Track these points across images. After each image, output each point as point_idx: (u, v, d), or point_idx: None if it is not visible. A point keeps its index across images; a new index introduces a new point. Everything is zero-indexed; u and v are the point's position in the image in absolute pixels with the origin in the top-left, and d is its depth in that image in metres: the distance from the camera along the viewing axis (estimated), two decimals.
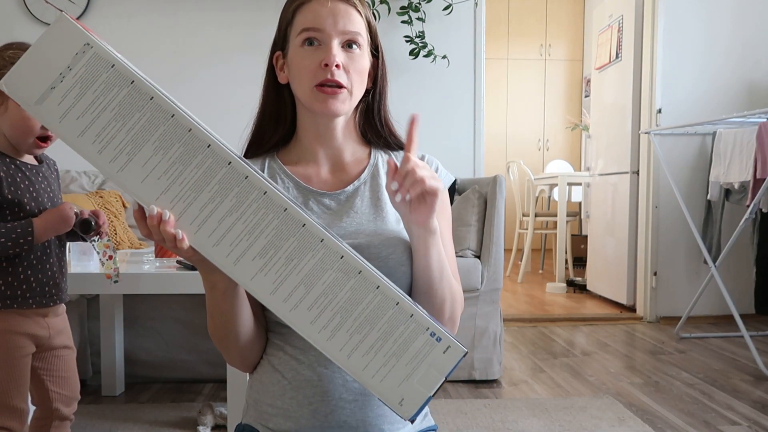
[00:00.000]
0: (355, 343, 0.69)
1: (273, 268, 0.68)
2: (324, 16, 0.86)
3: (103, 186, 2.93)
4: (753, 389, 2.44)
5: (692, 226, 3.26)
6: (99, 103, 0.66)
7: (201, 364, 2.47)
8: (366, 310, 0.69)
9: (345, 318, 0.69)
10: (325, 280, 0.68)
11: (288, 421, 0.85)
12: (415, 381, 0.69)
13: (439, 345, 0.69)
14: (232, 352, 0.86)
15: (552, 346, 3.15)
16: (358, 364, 0.69)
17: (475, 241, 2.60)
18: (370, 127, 0.98)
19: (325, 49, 0.86)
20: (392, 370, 0.69)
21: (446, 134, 3.36)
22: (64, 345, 1.42)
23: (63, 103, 0.66)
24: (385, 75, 0.97)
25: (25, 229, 1.26)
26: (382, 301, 0.69)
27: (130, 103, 0.66)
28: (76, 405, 1.46)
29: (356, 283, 0.68)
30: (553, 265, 5.01)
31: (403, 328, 0.69)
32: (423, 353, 0.69)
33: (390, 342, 0.69)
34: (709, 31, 3.62)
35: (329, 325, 0.69)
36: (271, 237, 0.68)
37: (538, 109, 6.93)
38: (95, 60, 0.66)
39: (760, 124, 2.94)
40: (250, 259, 0.68)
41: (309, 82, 0.86)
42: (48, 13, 3.17)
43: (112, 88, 0.66)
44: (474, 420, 2.10)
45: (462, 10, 3.36)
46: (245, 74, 3.24)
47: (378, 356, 0.69)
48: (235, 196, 0.68)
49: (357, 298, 0.69)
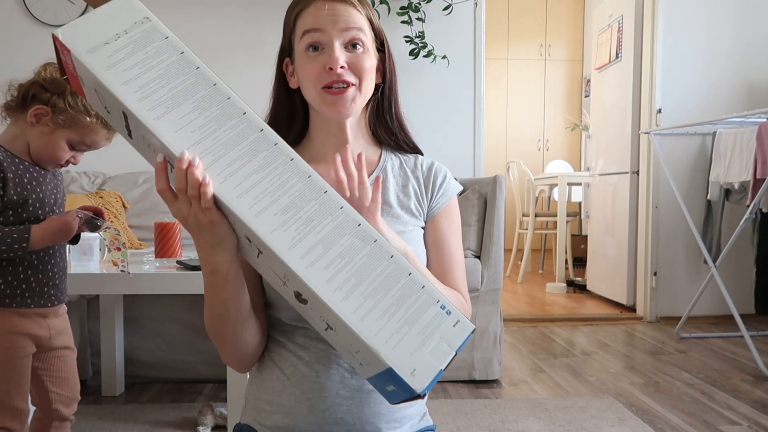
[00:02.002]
0: (369, 307, 0.69)
1: (293, 225, 0.69)
2: (323, 17, 0.87)
3: (103, 186, 2.94)
4: (753, 389, 2.44)
5: (692, 226, 3.26)
6: (147, 63, 0.70)
7: (201, 364, 2.47)
8: (380, 276, 0.70)
9: (360, 281, 0.69)
10: (343, 243, 0.69)
11: (285, 418, 0.86)
12: (426, 352, 0.69)
13: (449, 318, 0.70)
14: (229, 346, 0.83)
15: (552, 346, 3.15)
16: (371, 328, 0.68)
17: (475, 241, 2.60)
18: (382, 125, 0.99)
19: (328, 52, 0.87)
20: (404, 338, 0.69)
21: (446, 134, 3.36)
22: (65, 345, 1.42)
23: (114, 57, 0.70)
24: (394, 69, 0.98)
25: (21, 236, 1.25)
26: (395, 270, 0.70)
27: (177, 68, 0.71)
28: (76, 406, 1.46)
29: (372, 249, 0.70)
30: (553, 265, 5.01)
31: (414, 298, 0.70)
32: (434, 324, 0.70)
33: (402, 310, 0.69)
34: (709, 31, 3.63)
35: (344, 286, 0.69)
36: (293, 198, 0.69)
37: (538, 109, 6.93)
38: (151, 30, 0.71)
39: (760, 124, 2.94)
40: (272, 214, 0.69)
41: (316, 85, 0.88)
42: (48, 14, 3.17)
43: (162, 54, 0.71)
44: (474, 420, 2.10)
45: (462, 10, 3.36)
46: (251, 82, 3.25)
47: (391, 322, 0.69)
48: (264, 159, 0.70)
49: (372, 264, 0.70)
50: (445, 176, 0.99)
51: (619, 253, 3.95)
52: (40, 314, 1.34)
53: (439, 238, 0.96)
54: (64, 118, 1.30)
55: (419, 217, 0.96)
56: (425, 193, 0.97)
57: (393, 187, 0.96)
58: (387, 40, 0.96)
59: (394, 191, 0.96)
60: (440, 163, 1.01)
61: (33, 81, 1.32)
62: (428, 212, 0.97)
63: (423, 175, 0.98)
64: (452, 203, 0.99)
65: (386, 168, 0.98)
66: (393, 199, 0.95)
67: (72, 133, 1.33)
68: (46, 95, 1.30)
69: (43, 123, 1.31)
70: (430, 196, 0.97)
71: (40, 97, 1.30)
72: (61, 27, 0.70)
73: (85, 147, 1.37)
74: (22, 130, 1.32)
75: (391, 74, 0.97)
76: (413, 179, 0.98)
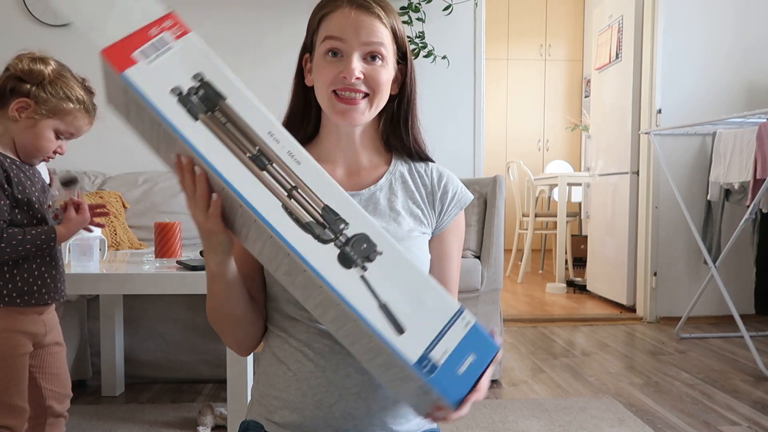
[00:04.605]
0: (367, 359, 0.74)
1: (297, 287, 0.72)
2: (347, 26, 0.87)
3: (103, 186, 2.93)
4: (753, 389, 2.44)
5: (692, 226, 3.26)
6: (150, 136, 0.71)
7: (201, 365, 2.47)
8: (367, 346, 0.71)
9: (353, 342, 0.72)
10: (332, 313, 0.71)
11: (293, 413, 0.86)
12: (422, 400, 0.73)
13: (430, 394, 0.69)
14: (228, 333, 0.89)
15: (552, 346, 3.15)
16: (377, 376, 0.77)
17: (475, 242, 2.60)
18: (395, 137, 0.98)
19: (345, 61, 0.87)
20: (402, 390, 0.74)
21: (446, 134, 3.36)
22: (56, 342, 1.42)
23: (137, 124, 0.71)
24: (414, 82, 0.97)
25: (48, 235, 1.31)
26: (375, 347, 0.69)
27: (166, 137, 0.68)
28: (68, 402, 1.46)
29: (353, 326, 0.69)
30: (553, 265, 5.01)
31: (397, 370, 0.70)
32: (420, 392, 0.71)
33: (391, 373, 0.72)
34: (709, 31, 3.63)
35: (346, 339, 0.73)
36: (287, 267, 0.70)
37: (538, 110, 6.93)
38: (135, 101, 0.67)
39: (760, 124, 2.94)
40: (282, 273, 0.72)
41: (327, 88, 0.88)
42: (48, 14, 3.17)
43: (153, 126, 0.69)
44: (474, 420, 2.10)
45: (462, 10, 3.36)
46: (250, 82, 3.25)
47: (386, 375, 0.73)
48: (301, 280, 0.70)
49: (356, 336, 0.71)
50: (457, 189, 0.98)
51: (619, 253, 3.95)
52: (37, 311, 1.35)
53: (445, 253, 0.97)
54: (48, 108, 1.29)
55: (426, 225, 0.95)
56: (435, 205, 0.96)
57: (401, 194, 0.96)
58: (410, 53, 0.96)
59: (402, 198, 0.95)
60: (451, 173, 1.00)
61: (9, 75, 1.29)
62: (438, 225, 0.97)
63: (433, 185, 0.98)
64: (461, 215, 1.00)
65: (395, 174, 0.97)
66: (400, 206, 0.94)
67: (57, 122, 1.32)
68: (26, 87, 1.28)
69: (26, 116, 1.29)
70: (441, 209, 0.96)
71: (20, 89, 1.28)
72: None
73: (69, 135, 1.36)
74: (5, 128, 1.31)
75: (411, 87, 0.96)
76: (422, 187, 0.97)
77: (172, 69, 0.67)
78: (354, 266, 0.67)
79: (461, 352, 0.68)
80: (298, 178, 0.68)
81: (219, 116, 0.67)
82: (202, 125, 0.66)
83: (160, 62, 0.66)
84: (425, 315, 0.68)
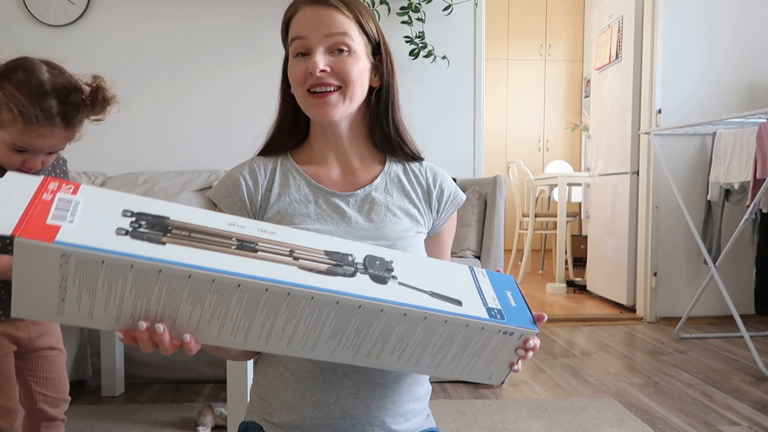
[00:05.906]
0: (438, 360, 0.76)
1: (346, 342, 0.71)
2: (306, 24, 0.89)
3: (103, 186, 2.94)
4: (753, 389, 2.44)
5: (692, 226, 3.26)
6: (114, 294, 0.62)
7: (201, 365, 2.47)
8: (440, 339, 0.73)
9: (423, 349, 0.74)
10: (397, 333, 0.71)
11: (291, 414, 0.87)
12: (497, 360, 0.77)
13: (513, 337, 0.75)
14: (226, 357, 0.93)
15: (552, 346, 3.15)
16: (445, 370, 0.78)
17: (475, 242, 2.60)
18: (377, 129, 0.97)
19: (311, 57, 0.88)
20: (477, 364, 0.77)
21: (446, 134, 3.36)
22: (50, 346, 1.39)
23: (81, 306, 0.62)
24: (392, 72, 0.97)
25: None
26: (452, 330, 0.72)
27: (143, 279, 0.62)
28: (65, 406, 1.44)
29: (425, 326, 0.71)
30: (553, 265, 5.01)
31: (477, 338, 0.74)
32: (500, 346, 0.76)
33: (469, 350, 0.75)
34: (709, 32, 3.62)
35: (411, 358, 0.75)
36: (334, 324, 0.69)
37: (538, 110, 6.93)
38: (82, 264, 0.59)
39: (760, 124, 2.94)
40: (324, 341, 0.71)
41: (301, 88, 0.90)
42: (48, 14, 3.17)
43: (117, 277, 0.61)
44: (474, 420, 2.10)
45: (462, 11, 3.36)
46: (251, 79, 3.25)
47: (461, 361, 0.76)
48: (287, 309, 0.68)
49: (428, 336, 0.72)
50: (452, 188, 1.00)
51: (619, 253, 3.95)
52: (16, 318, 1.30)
53: (441, 252, 1.01)
54: None
55: (422, 225, 0.96)
56: (432, 204, 0.98)
57: (396, 194, 0.96)
58: (385, 43, 0.96)
59: (397, 198, 0.96)
60: (444, 173, 1.01)
61: None
62: (434, 225, 0.99)
63: (429, 184, 0.99)
64: (455, 213, 1.03)
65: (390, 175, 0.98)
66: (396, 206, 0.95)
67: (4, 134, 1.15)
68: None
69: None
70: (438, 208, 0.98)
71: None
72: (12, 301, 0.60)
73: (34, 147, 1.17)
74: None
75: (388, 77, 0.96)
76: (418, 187, 0.98)
77: (98, 216, 0.62)
78: (388, 280, 0.71)
79: (500, 292, 0.78)
80: (286, 243, 0.69)
81: (178, 233, 0.64)
82: (174, 246, 0.62)
83: (81, 217, 0.61)
84: (457, 284, 0.75)
